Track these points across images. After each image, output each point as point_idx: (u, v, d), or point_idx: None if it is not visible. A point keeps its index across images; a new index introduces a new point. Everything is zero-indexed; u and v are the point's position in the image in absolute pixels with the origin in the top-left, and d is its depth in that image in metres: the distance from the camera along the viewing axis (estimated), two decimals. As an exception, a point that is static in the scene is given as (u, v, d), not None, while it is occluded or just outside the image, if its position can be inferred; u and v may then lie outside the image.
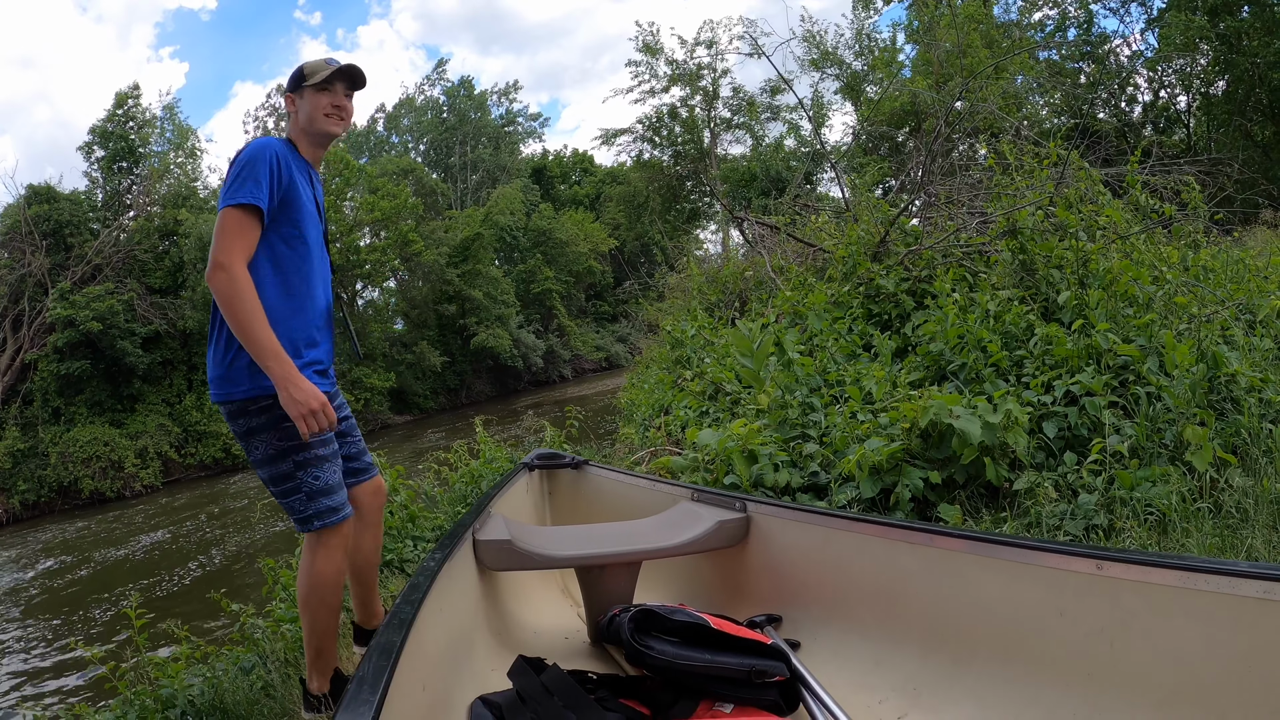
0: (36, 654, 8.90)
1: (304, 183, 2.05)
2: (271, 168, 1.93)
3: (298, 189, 2.00)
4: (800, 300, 5.44)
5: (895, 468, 2.88)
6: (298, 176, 2.01)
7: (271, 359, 1.85)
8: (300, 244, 2.01)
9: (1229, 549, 2.17)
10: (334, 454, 2.08)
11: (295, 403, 1.86)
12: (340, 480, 2.09)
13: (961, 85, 7.99)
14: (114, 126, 25.45)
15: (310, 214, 2.06)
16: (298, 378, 1.87)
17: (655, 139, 32.97)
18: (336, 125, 2.08)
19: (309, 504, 2.00)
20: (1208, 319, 3.32)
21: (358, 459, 2.29)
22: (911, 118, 18.47)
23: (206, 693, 2.69)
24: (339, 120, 2.08)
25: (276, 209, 1.95)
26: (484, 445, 5.28)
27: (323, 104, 2.05)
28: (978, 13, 19.31)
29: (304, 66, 2.10)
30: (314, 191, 2.12)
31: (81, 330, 20.94)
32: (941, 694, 1.57)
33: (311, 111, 2.06)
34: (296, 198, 1.99)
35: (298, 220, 2.00)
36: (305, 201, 2.03)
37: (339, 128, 2.09)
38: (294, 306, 2.00)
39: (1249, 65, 17.49)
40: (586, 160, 46.84)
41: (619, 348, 36.46)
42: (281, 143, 2.03)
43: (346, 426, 2.23)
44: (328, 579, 2.06)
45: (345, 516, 2.07)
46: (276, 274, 1.97)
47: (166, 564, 12.19)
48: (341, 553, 2.09)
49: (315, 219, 2.09)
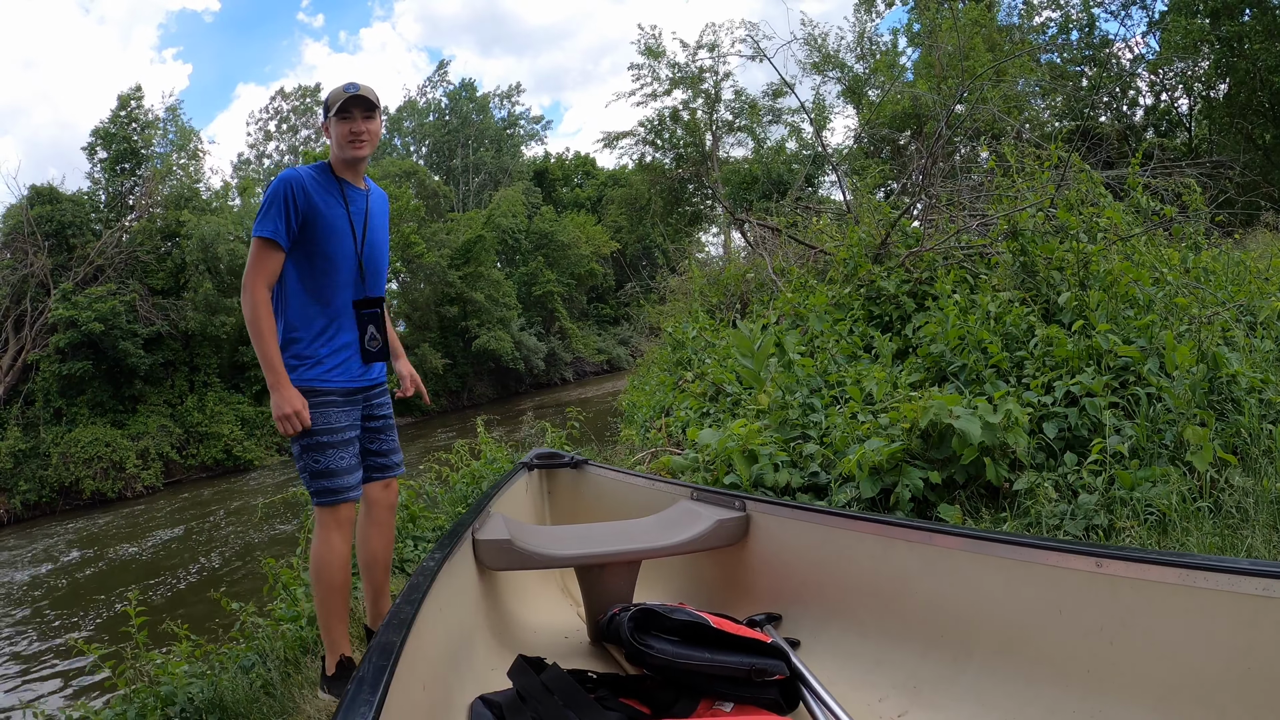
0: (36, 653, 8.91)
1: (333, 202, 2.31)
2: (288, 200, 2.24)
3: (319, 212, 2.27)
4: (801, 302, 5.44)
5: (895, 468, 2.88)
6: (320, 199, 2.28)
7: (267, 369, 2.21)
8: (322, 259, 2.29)
9: (1229, 549, 2.17)
10: (341, 442, 2.31)
11: (275, 406, 2.22)
12: (348, 467, 2.31)
13: (962, 88, 7.98)
14: (117, 128, 25.50)
15: (336, 229, 2.31)
16: (284, 388, 2.21)
17: (657, 142, 32.99)
18: (358, 150, 2.32)
19: (311, 482, 2.30)
20: (1208, 320, 3.32)
21: (384, 457, 2.49)
22: (913, 121, 18.47)
23: (206, 690, 2.69)
24: (359, 145, 2.32)
25: (298, 232, 2.26)
26: (485, 446, 5.28)
27: (344, 132, 2.30)
28: (980, 16, 19.33)
29: (328, 97, 2.35)
30: (347, 209, 2.34)
31: (83, 331, 20.96)
32: (942, 692, 1.57)
33: (338, 139, 2.31)
34: (318, 219, 2.27)
35: (320, 239, 2.28)
36: (331, 219, 2.30)
37: (360, 151, 2.33)
38: (318, 309, 2.32)
39: (1250, 68, 17.50)
40: (588, 163, 46.90)
41: (620, 350, 36.46)
42: (310, 170, 2.32)
43: (380, 425, 2.47)
44: (323, 557, 2.32)
45: (342, 500, 2.30)
46: (301, 283, 2.29)
47: (167, 565, 12.20)
48: (339, 535, 2.32)
49: (342, 233, 2.32)
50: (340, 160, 2.34)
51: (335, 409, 2.32)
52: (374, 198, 2.46)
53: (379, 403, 2.48)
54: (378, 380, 2.47)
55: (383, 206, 2.51)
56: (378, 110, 2.34)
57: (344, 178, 2.36)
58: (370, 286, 2.40)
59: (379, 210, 2.48)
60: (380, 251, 2.46)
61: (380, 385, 2.49)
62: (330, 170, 2.36)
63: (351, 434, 2.35)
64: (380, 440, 2.48)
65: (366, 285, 2.39)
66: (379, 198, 2.50)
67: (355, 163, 2.36)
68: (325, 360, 2.31)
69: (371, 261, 2.40)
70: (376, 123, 2.35)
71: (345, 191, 2.35)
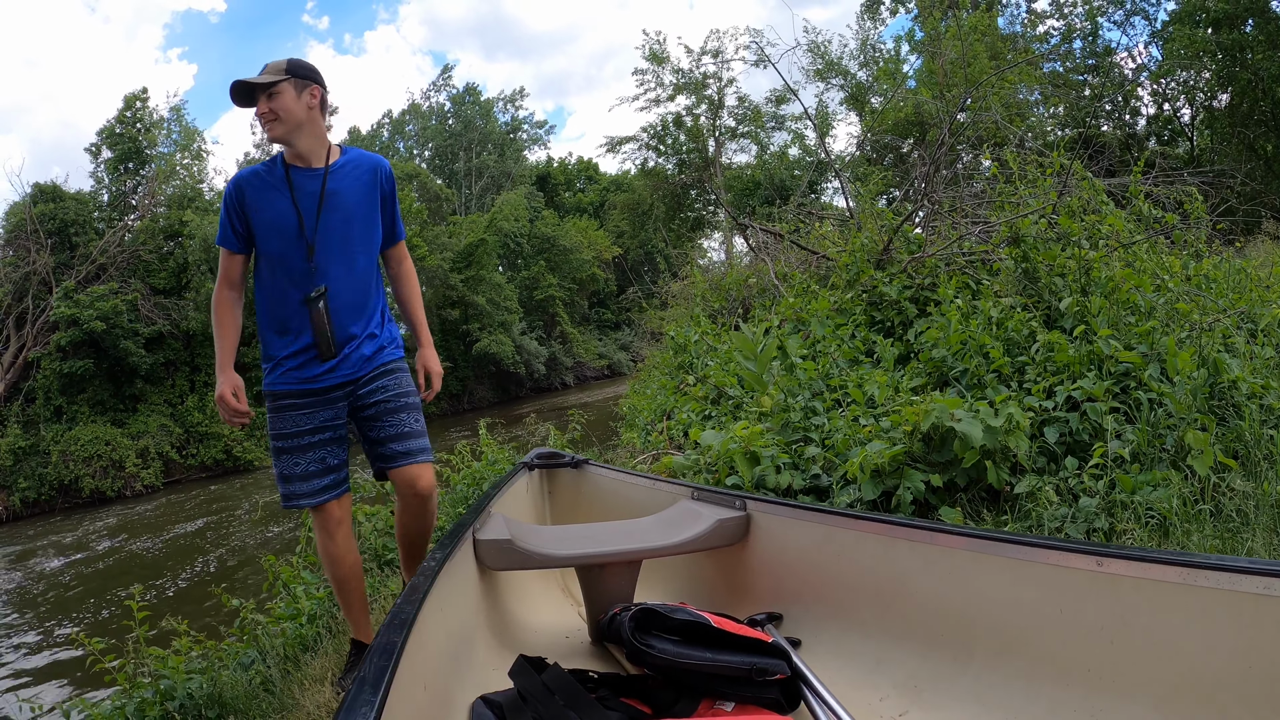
0: (35, 650, 8.90)
1: (276, 196, 2.28)
2: (228, 205, 2.30)
3: (257, 211, 2.28)
4: (803, 306, 5.44)
5: (897, 470, 2.88)
6: (257, 198, 2.27)
7: (216, 364, 2.31)
8: (268, 260, 2.32)
9: (1229, 551, 2.17)
10: (298, 448, 2.32)
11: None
12: (303, 474, 2.33)
13: (965, 94, 8.01)
14: (121, 128, 25.58)
15: (276, 226, 2.28)
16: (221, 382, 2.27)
17: (660, 147, 33.01)
18: (270, 131, 2.28)
19: (279, 484, 2.36)
20: (1209, 327, 3.33)
21: (383, 445, 2.40)
22: (916, 128, 18.51)
23: (205, 686, 2.69)
24: (268, 127, 2.28)
25: (244, 234, 2.31)
26: (486, 447, 5.29)
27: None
28: (982, 24, 19.38)
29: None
30: (293, 196, 2.28)
31: (85, 329, 21.00)
32: (943, 691, 1.57)
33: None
34: (256, 221, 2.29)
35: (262, 239, 2.31)
36: (271, 218, 2.28)
37: (272, 132, 2.28)
38: (272, 305, 2.33)
39: (1252, 78, 17.54)
40: (591, 167, 47.01)
41: (621, 355, 36.48)
42: (256, 168, 2.32)
43: (373, 413, 2.39)
44: (321, 554, 2.43)
45: (295, 505, 2.34)
46: (262, 287, 2.35)
47: (166, 564, 12.19)
48: (324, 535, 2.38)
49: (284, 228, 2.28)
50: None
51: (295, 412, 2.30)
52: (339, 170, 2.34)
53: (365, 391, 2.37)
54: (356, 374, 2.36)
55: (356, 174, 2.36)
56: (267, 88, 2.22)
57: (293, 164, 2.29)
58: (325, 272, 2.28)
59: (348, 180, 2.34)
60: (349, 226, 2.33)
61: (365, 376, 2.38)
62: (281, 161, 2.30)
63: (317, 437, 2.32)
64: (377, 428, 2.38)
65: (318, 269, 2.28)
66: (351, 166, 2.36)
67: (284, 144, 2.28)
68: (283, 363, 2.32)
69: (331, 242, 2.29)
70: (281, 99, 2.23)
71: (291, 178, 2.27)
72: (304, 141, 2.29)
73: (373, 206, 2.40)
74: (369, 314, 2.41)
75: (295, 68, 2.27)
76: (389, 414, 2.39)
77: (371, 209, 2.40)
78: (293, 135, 2.27)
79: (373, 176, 2.39)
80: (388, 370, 2.42)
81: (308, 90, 2.28)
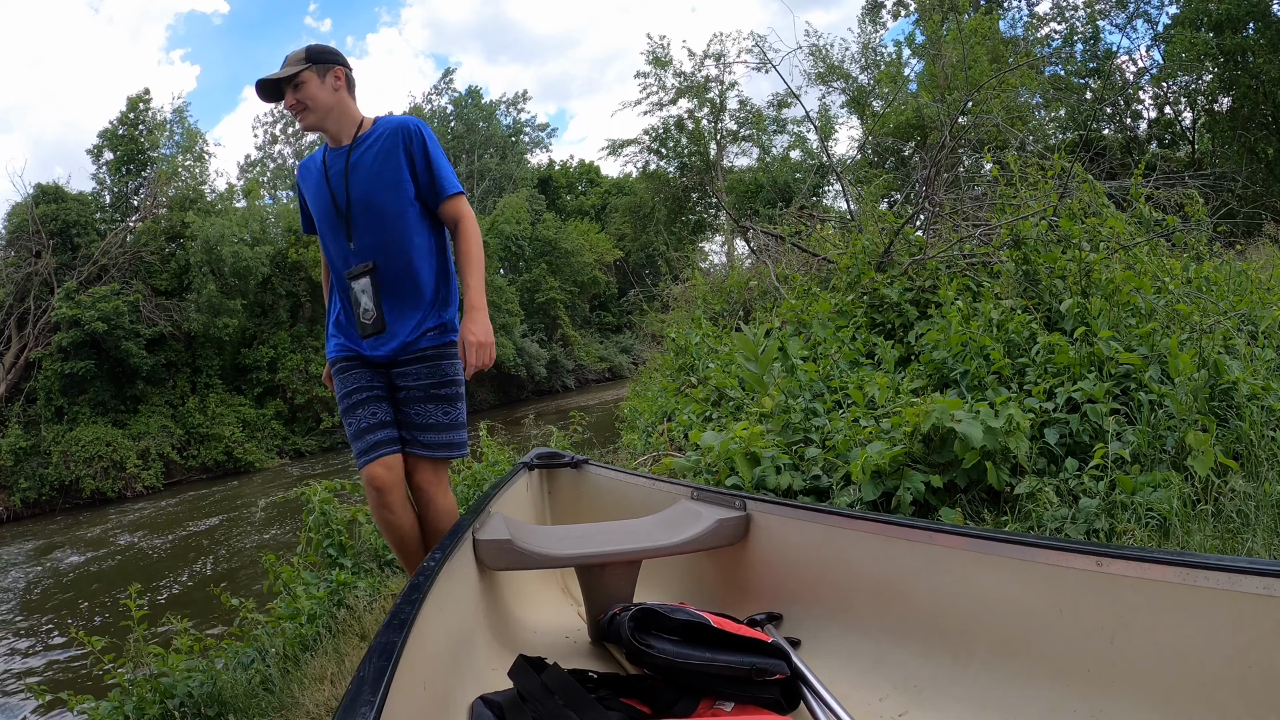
0: (34, 649, 8.90)
1: (317, 178, 2.38)
2: (298, 194, 2.49)
3: (308, 196, 2.43)
4: (804, 308, 5.45)
5: (897, 471, 2.88)
6: (306, 183, 2.43)
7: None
8: (322, 241, 2.43)
9: (1229, 551, 2.17)
10: (359, 403, 2.36)
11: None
12: (357, 431, 2.35)
13: (966, 98, 8.02)
14: (124, 130, 25.63)
15: (319, 207, 2.39)
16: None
17: (662, 150, 33.05)
18: (301, 121, 2.35)
19: (351, 443, 2.38)
20: (1210, 329, 3.33)
21: (404, 429, 2.40)
22: (917, 131, 18.52)
23: (205, 684, 2.69)
24: (299, 117, 2.34)
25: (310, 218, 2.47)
26: (487, 449, 5.29)
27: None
28: (983, 27, 19.40)
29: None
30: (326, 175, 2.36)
31: (86, 330, 21.02)
32: (943, 691, 1.56)
33: None
34: (310, 204, 2.43)
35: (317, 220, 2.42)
36: (315, 199, 2.39)
37: (304, 121, 2.34)
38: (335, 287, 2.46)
39: (1253, 82, 17.56)
40: (593, 171, 47.00)
41: (623, 358, 36.46)
42: (307, 159, 2.46)
43: (403, 397, 2.39)
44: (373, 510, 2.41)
45: (365, 461, 2.33)
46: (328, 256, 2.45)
47: (166, 565, 12.19)
48: (372, 491, 2.35)
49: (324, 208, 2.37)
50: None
51: (345, 374, 2.39)
52: (362, 142, 2.31)
53: (397, 373, 2.36)
54: (394, 356, 2.35)
55: (379, 142, 2.31)
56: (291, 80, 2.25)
57: (330, 146, 2.38)
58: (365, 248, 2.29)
59: (374, 150, 2.30)
60: (373, 196, 2.29)
61: (402, 359, 2.36)
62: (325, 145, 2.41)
63: (365, 395, 2.36)
64: (404, 413, 2.38)
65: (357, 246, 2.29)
66: (375, 135, 2.32)
67: (318, 130, 2.36)
68: (335, 336, 2.45)
69: (364, 217, 2.29)
70: (306, 89, 2.25)
71: (326, 160, 2.36)
72: (336, 124, 2.33)
73: (397, 169, 2.29)
74: (415, 293, 2.35)
75: (314, 54, 2.28)
76: (414, 402, 2.37)
77: (396, 172, 2.29)
78: (325, 121, 2.30)
79: (394, 139, 2.30)
80: (424, 357, 2.36)
81: (331, 73, 2.29)
